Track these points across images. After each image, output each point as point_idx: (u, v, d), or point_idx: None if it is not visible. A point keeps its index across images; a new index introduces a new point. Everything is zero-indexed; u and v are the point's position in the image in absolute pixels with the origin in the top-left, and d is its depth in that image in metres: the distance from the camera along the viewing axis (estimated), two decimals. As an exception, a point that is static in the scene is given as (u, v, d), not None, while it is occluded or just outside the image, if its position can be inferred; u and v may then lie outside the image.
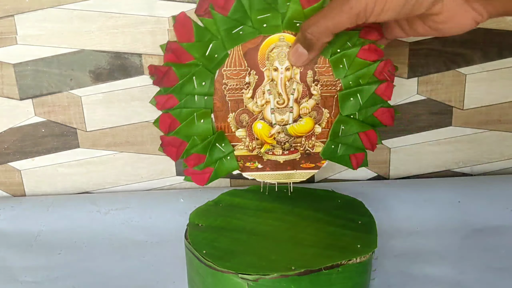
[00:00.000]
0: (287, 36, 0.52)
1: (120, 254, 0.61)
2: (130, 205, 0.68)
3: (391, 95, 0.54)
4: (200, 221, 0.55)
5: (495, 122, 0.70)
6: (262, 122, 0.54)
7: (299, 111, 0.54)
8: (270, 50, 0.52)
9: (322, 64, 0.53)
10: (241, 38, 0.51)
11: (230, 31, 0.50)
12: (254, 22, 0.51)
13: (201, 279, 0.50)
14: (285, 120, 0.55)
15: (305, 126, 0.55)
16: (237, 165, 0.55)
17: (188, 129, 0.53)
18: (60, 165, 0.70)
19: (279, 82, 0.53)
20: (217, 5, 0.49)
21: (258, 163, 0.56)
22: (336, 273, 0.48)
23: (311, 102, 0.54)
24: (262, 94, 0.53)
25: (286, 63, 0.53)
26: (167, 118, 0.53)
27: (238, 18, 0.50)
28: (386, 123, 0.55)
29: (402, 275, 0.56)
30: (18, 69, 0.66)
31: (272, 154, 0.56)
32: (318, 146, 0.56)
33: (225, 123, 0.54)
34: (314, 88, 0.54)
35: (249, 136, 0.55)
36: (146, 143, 0.69)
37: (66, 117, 0.68)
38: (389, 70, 0.53)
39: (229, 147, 0.55)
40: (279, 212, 0.56)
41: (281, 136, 0.55)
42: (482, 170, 0.73)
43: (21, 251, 0.62)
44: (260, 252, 0.50)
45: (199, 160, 0.54)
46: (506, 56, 0.67)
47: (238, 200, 0.58)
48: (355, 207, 0.56)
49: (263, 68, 0.53)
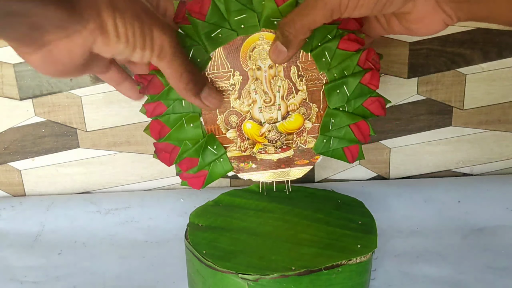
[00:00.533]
0: (267, 35, 0.52)
1: (120, 254, 0.61)
2: (130, 205, 0.68)
3: (378, 84, 0.53)
4: (200, 221, 0.55)
5: (495, 122, 0.70)
6: (251, 122, 0.54)
7: (287, 107, 0.54)
8: (251, 50, 0.52)
9: (305, 59, 0.53)
10: (221, 41, 0.51)
11: (209, 34, 0.51)
12: (232, 24, 0.51)
13: (201, 279, 0.50)
14: (274, 118, 0.55)
15: (295, 123, 0.55)
16: (231, 167, 0.55)
17: (178, 134, 0.53)
18: (60, 165, 0.70)
19: (263, 81, 0.53)
20: (193, 11, 0.49)
21: (252, 163, 0.56)
22: (336, 273, 0.48)
23: (298, 98, 0.54)
24: (248, 94, 0.53)
25: (268, 62, 0.53)
26: (157, 124, 0.53)
27: (216, 22, 0.50)
28: (376, 113, 0.54)
29: (402, 275, 0.56)
30: (18, 69, 0.66)
31: (265, 153, 0.56)
32: (311, 141, 0.56)
33: (214, 126, 0.54)
34: (300, 83, 0.54)
35: (240, 136, 0.55)
36: (146, 143, 0.69)
37: (66, 117, 0.68)
38: (373, 58, 0.52)
39: (221, 149, 0.55)
40: (279, 212, 0.56)
41: (272, 134, 0.55)
42: (482, 170, 0.73)
43: (21, 251, 0.62)
44: (260, 252, 0.50)
45: (192, 164, 0.54)
46: (506, 56, 0.67)
47: (238, 200, 0.58)
48: (355, 207, 0.56)
49: (246, 68, 0.53)
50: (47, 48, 0.40)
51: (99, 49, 0.42)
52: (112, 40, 0.41)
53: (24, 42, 0.39)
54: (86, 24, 0.39)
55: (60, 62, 0.41)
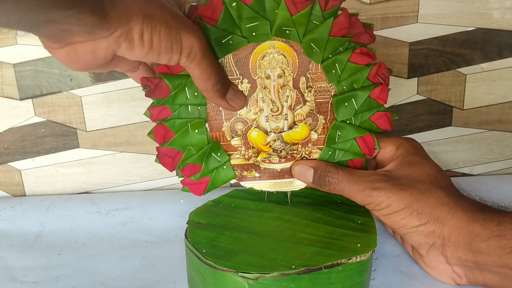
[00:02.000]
0: (278, 43, 0.51)
1: (120, 254, 0.61)
2: (130, 205, 0.68)
3: (387, 99, 0.53)
4: (200, 220, 0.55)
5: (495, 122, 0.70)
6: (257, 130, 0.54)
7: (294, 118, 0.54)
8: (261, 58, 0.52)
9: (314, 70, 0.53)
10: (231, 47, 0.51)
11: (219, 40, 0.50)
12: (243, 31, 0.50)
13: (201, 278, 0.50)
14: (280, 127, 0.54)
15: (301, 133, 0.55)
16: (233, 174, 0.55)
17: (183, 139, 0.53)
18: (60, 165, 0.70)
19: (272, 90, 0.53)
20: (205, 16, 0.49)
21: (255, 171, 0.56)
22: (336, 272, 0.48)
23: (305, 109, 0.54)
24: (256, 102, 0.53)
25: (278, 71, 0.52)
26: (161, 129, 0.53)
27: (227, 28, 0.50)
28: (383, 128, 0.55)
29: (402, 275, 0.56)
30: (18, 69, 0.66)
31: (269, 163, 0.56)
32: (315, 152, 0.55)
33: (220, 132, 0.54)
34: (308, 94, 0.53)
35: (244, 144, 0.55)
36: (146, 143, 0.69)
37: (66, 117, 0.68)
38: (383, 73, 0.52)
39: (225, 156, 0.54)
40: (279, 212, 0.56)
41: (277, 144, 0.55)
42: (482, 170, 0.73)
43: (21, 251, 0.62)
44: (260, 251, 0.50)
45: (195, 170, 0.54)
46: (506, 56, 0.67)
47: (238, 200, 0.58)
48: (355, 207, 0.56)
49: (255, 76, 0.52)
50: (73, 46, 0.41)
51: (123, 53, 0.42)
52: (136, 46, 0.42)
53: (53, 39, 0.40)
54: (114, 31, 0.40)
55: (84, 60, 0.42)
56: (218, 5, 0.49)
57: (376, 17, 0.64)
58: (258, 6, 0.49)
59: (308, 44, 0.51)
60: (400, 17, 0.65)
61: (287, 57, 0.52)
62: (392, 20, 0.65)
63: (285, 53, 0.52)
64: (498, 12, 0.65)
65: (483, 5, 0.65)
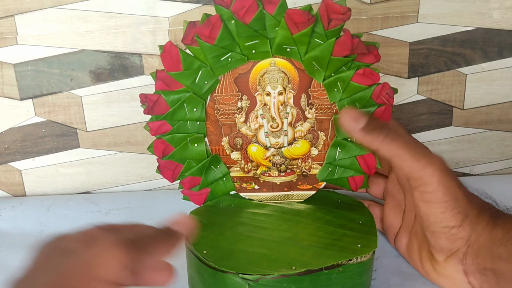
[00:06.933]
0: (278, 61, 0.51)
1: (120, 254, 0.61)
2: (130, 205, 0.68)
3: (390, 119, 0.52)
4: (200, 218, 0.55)
5: (495, 122, 0.70)
6: (257, 145, 0.54)
7: (294, 134, 0.54)
8: (261, 75, 0.52)
9: (316, 88, 0.52)
10: (230, 65, 0.50)
11: (218, 58, 0.50)
12: (242, 49, 0.50)
13: (202, 279, 0.50)
14: (279, 143, 0.54)
15: (301, 149, 0.55)
16: (233, 186, 0.56)
17: (182, 153, 0.53)
18: (60, 165, 0.70)
19: (272, 107, 0.53)
20: (203, 35, 0.48)
21: (255, 184, 0.56)
22: (336, 273, 0.48)
23: (306, 126, 0.54)
24: (255, 119, 0.53)
25: (278, 88, 0.52)
26: (161, 143, 0.53)
27: (226, 46, 0.49)
28: None
29: (402, 275, 0.56)
30: (18, 69, 0.66)
31: (269, 176, 0.56)
32: (315, 168, 0.55)
33: (219, 146, 0.54)
34: (309, 111, 0.53)
35: (244, 158, 0.55)
36: (146, 143, 0.69)
37: (66, 117, 0.68)
38: (387, 93, 0.51)
39: (224, 169, 0.55)
40: (279, 212, 0.56)
41: (276, 159, 0.55)
42: (482, 170, 0.73)
43: (21, 251, 0.61)
44: (260, 252, 0.50)
45: (195, 182, 0.55)
46: (506, 56, 0.67)
47: (238, 200, 0.58)
48: (355, 207, 0.56)
49: (255, 93, 0.52)
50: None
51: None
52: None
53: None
54: None
55: None
56: (216, 24, 0.48)
57: (376, 17, 0.64)
58: (257, 24, 0.48)
59: (310, 62, 0.50)
60: (401, 17, 0.65)
61: (288, 75, 0.52)
62: (392, 20, 0.65)
63: (286, 71, 0.51)
64: (498, 12, 0.65)
65: (483, 5, 0.65)
